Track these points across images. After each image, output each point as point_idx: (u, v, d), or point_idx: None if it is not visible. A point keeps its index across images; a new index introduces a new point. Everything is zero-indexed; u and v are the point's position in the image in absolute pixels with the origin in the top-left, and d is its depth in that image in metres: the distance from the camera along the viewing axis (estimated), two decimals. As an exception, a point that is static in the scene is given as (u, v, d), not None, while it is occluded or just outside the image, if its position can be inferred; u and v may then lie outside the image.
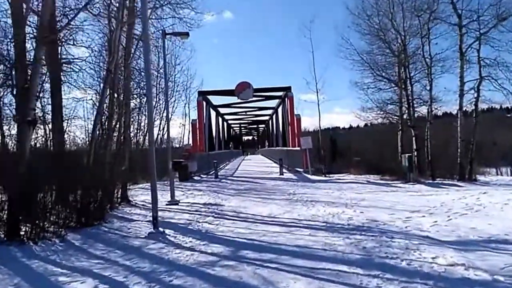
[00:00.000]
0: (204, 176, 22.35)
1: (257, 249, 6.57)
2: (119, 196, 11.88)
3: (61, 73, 11.75)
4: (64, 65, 11.89)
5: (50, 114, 11.49)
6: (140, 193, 15.97)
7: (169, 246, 6.99)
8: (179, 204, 12.63)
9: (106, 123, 11.45)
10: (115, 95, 11.62)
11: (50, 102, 11.45)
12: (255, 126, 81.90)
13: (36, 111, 8.66)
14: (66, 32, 11.01)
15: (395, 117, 23.70)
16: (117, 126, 12.38)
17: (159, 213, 10.75)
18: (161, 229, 7.94)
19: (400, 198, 12.07)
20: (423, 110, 21.69)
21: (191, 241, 7.28)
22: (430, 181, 17.05)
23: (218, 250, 6.60)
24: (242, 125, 76.24)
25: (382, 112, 23.59)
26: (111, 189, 10.73)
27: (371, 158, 24.69)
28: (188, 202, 12.88)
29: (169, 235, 7.75)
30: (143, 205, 12.77)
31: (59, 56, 11.59)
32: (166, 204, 12.61)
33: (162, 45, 12.97)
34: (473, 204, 10.26)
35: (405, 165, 17.40)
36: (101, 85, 12.20)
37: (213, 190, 15.76)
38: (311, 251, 6.25)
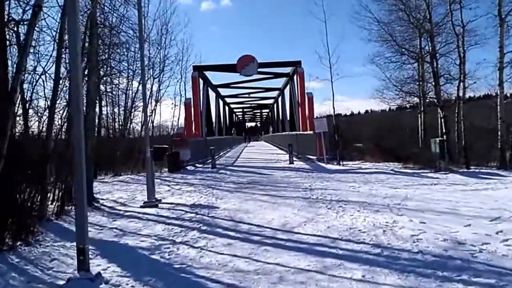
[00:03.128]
0: (200, 165, 19.11)
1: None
2: (58, 198, 8.57)
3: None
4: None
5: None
6: (117, 188, 12.94)
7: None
8: (159, 206, 9.48)
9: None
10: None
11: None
12: (259, 111, 78.50)
13: None
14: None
15: (415, 97, 20.51)
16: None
17: (124, 221, 7.76)
18: (97, 267, 4.69)
19: (452, 195, 8.93)
20: (447, 89, 18.54)
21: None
22: (465, 170, 14.15)
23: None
24: (245, 110, 72.66)
25: (401, 92, 20.41)
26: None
27: (385, 143, 21.66)
28: (172, 203, 9.73)
29: (107, 282, 4.45)
30: (111, 207, 9.65)
31: None
32: (141, 206, 9.51)
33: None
34: None
35: (435, 151, 14.31)
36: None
37: (207, 185, 12.56)
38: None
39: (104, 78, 18.33)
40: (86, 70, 9.97)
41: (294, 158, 18.61)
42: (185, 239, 6.20)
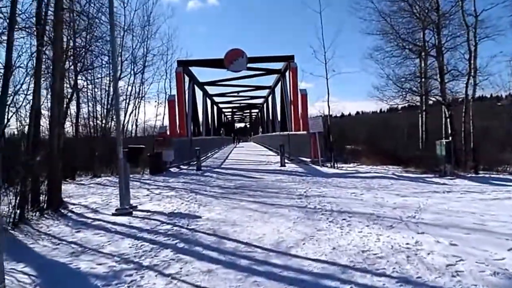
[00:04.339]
0: (185, 167, 17.74)
1: None
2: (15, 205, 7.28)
3: None
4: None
5: None
6: (92, 191, 11.67)
7: None
8: (133, 213, 8.19)
9: None
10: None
11: None
12: (248, 111, 77.22)
13: None
14: None
15: (417, 95, 19.34)
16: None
17: (88, 233, 6.54)
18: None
19: (471, 205, 7.75)
20: (453, 87, 17.39)
21: None
22: (473, 175, 13.03)
23: None
24: (234, 110, 71.22)
25: (401, 90, 19.19)
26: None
27: (381, 145, 20.55)
28: (148, 211, 8.44)
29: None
30: (80, 214, 8.40)
31: None
32: (113, 214, 8.21)
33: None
34: None
35: (440, 154, 13.12)
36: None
37: (191, 189, 11.25)
38: None
39: (82, 73, 16.91)
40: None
41: (286, 160, 17.35)
42: (154, 262, 4.90)
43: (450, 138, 15.55)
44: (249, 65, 24.71)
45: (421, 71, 18.65)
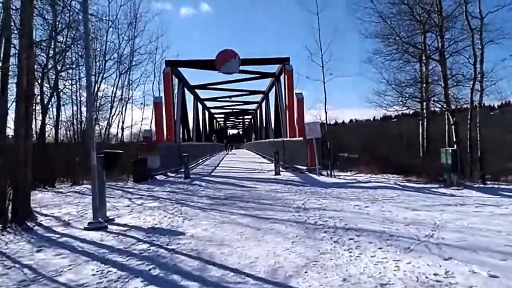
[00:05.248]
0: (172, 174, 16.66)
1: None
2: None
3: None
4: None
5: None
6: (69, 201, 10.63)
7: None
8: (108, 228, 7.18)
9: None
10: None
11: None
12: (241, 118, 76.17)
13: None
14: None
15: (418, 101, 18.52)
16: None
17: (49, 254, 5.64)
18: None
19: (493, 221, 6.82)
20: (456, 93, 16.58)
21: None
22: (481, 186, 12.17)
23: None
24: (227, 116, 70.05)
25: (401, 96, 18.35)
26: None
27: (378, 153, 19.66)
28: (125, 225, 7.41)
29: None
30: (48, 227, 7.46)
31: None
32: (85, 228, 7.16)
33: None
34: None
35: (446, 163, 12.21)
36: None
37: (176, 199, 10.22)
38: None
39: (63, 73, 15.86)
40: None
41: (281, 168, 16.35)
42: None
43: (455, 146, 14.75)
44: (242, 67, 23.60)
45: (421, 76, 17.88)
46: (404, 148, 21.66)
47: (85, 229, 7.19)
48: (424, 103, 18.47)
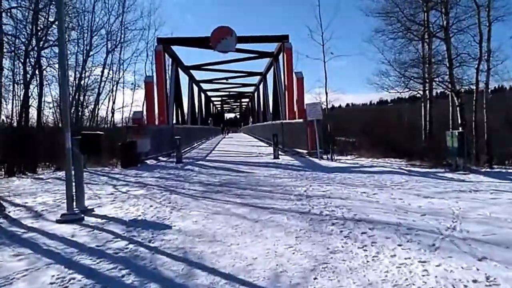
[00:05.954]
0: (164, 159, 15.76)
1: None
2: None
3: None
4: None
5: None
6: (47, 188, 9.75)
7: None
8: (84, 220, 6.31)
9: None
10: None
11: None
12: (238, 102, 75.00)
13: None
14: None
15: (421, 83, 17.65)
16: None
17: (7, 252, 4.94)
18: None
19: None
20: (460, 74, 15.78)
21: None
22: (488, 170, 11.56)
23: None
24: (224, 99, 68.85)
25: (403, 77, 17.48)
26: None
27: (381, 137, 18.90)
28: (105, 216, 6.55)
29: None
30: (17, 219, 6.64)
31: None
32: (57, 221, 6.29)
33: None
34: None
35: (452, 146, 11.42)
36: None
37: (165, 186, 9.36)
38: None
39: (46, 50, 14.81)
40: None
41: (280, 152, 15.48)
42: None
43: (460, 129, 13.97)
44: (239, 46, 22.43)
45: (424, 56, 17.00)
46: (405, 132, 20.92)
47: (57, 221, 6.29)
48: (427, 84, 17.65)
